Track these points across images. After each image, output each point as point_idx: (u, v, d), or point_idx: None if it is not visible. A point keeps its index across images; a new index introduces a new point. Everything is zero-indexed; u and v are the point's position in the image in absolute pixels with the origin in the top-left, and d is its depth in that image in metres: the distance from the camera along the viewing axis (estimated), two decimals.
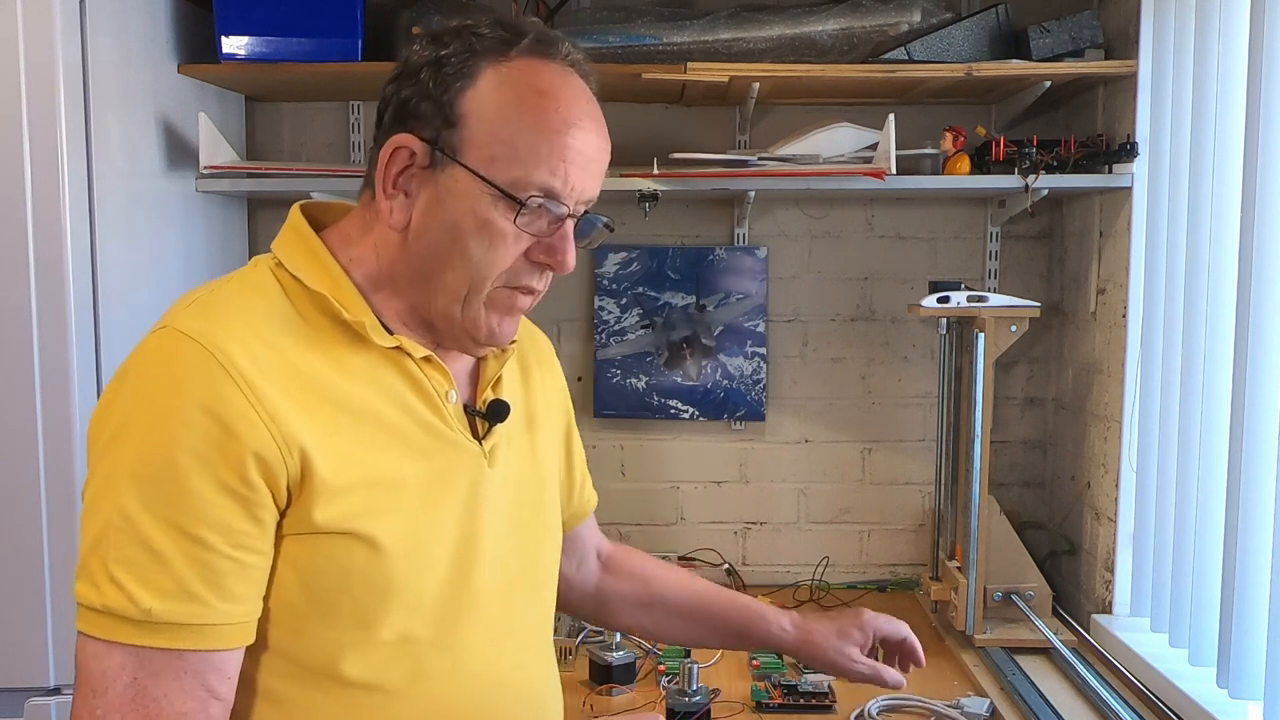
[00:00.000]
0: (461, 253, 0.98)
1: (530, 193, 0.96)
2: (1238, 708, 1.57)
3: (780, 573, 2.40)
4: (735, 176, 2.07)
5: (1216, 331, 1.69)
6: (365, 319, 0.99)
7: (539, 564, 1.15)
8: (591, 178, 1.00)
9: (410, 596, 0.98)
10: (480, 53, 0.97)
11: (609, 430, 2.40)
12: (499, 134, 0.96)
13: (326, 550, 0.94)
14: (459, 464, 1.03)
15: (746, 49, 2.05)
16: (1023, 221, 2.31)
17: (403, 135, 0.98)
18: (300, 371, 0.94)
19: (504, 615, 1.07)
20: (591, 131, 0.99)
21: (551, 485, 1.21)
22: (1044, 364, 2.39)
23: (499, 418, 1.08)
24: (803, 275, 2.37)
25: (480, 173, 0.96)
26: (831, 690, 1.76)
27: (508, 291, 1.01)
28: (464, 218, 0.97)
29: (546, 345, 1.29)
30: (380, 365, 1.00)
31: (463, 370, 1.09)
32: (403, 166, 0.98)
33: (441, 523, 1.01)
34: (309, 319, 0.98)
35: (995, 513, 2.07)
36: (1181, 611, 1.78)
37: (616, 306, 2.35)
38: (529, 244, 0.99)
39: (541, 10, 2.07)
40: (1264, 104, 1.50)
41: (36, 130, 1.59)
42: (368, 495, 0.95)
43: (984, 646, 1.94)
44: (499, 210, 0.97)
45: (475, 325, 1.02)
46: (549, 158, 0.96)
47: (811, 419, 2.40)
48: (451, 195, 0.97)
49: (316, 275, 1.00)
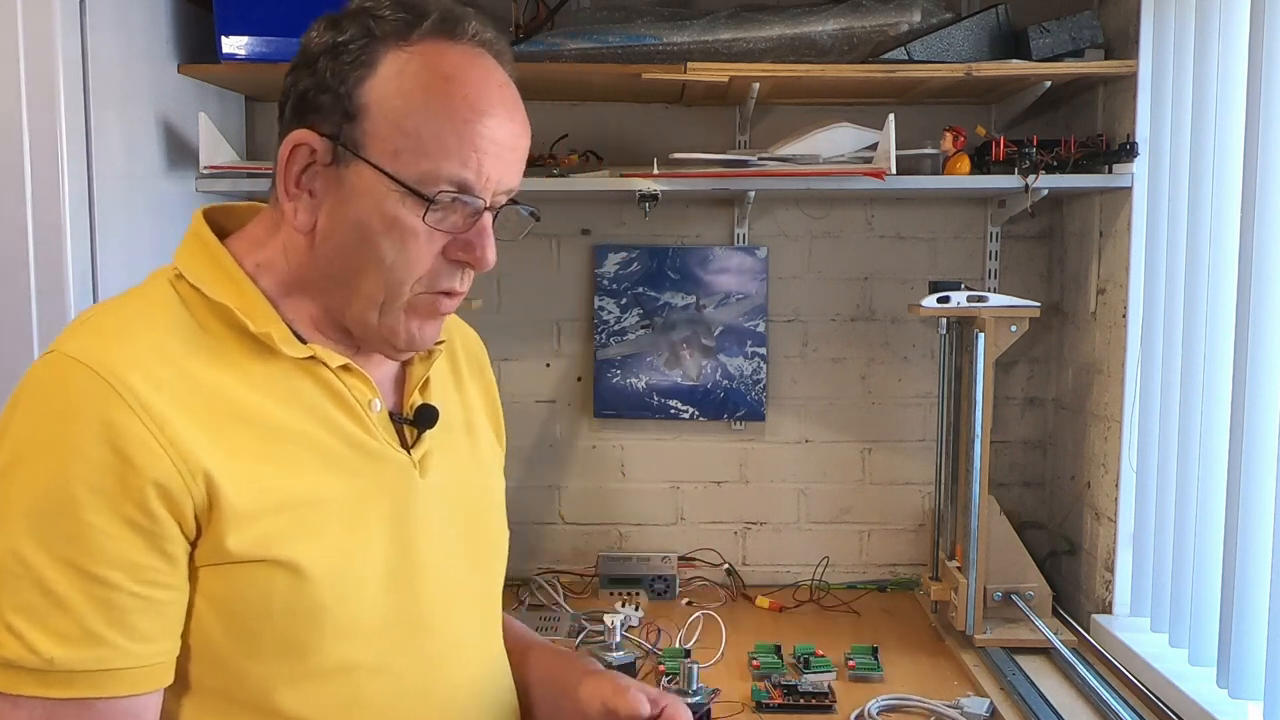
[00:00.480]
0: (373, 256, 0.92)
1: (439, 187, 0.90)
2: (1238, 708, 1.57)
3: (780, 573, 2.39)
4: (735, 176, 2.06)
5: (1216, 331, 1.69)
6: (273, 329, 0.92)
7: (487, 574, 1.10)
8: (508, 166, 0.94)
9: (344, 621, 0.92)
10: (380, 37, 0.91)
11: (609, 430, 2.40)
12: (402, 125, 0.89)
13: (245, 580, 0.88)
14: (386, 477, 0.97)
15: (746, 49, 2.05)
16: (1023, 221, 2.31)
17: (301, 131, 0.92)
18: (205, 390, 0.88)
19: (454, 630, 1.01)
20: (504, 117, 0.92)
21: (495, 490, 1.14)
22: (1044, 364, 2.39)
23: (427, 424, 1.01)
24: (803, 275, 2.37)
25: (385, 168, 0.90)
26: (831, 690, 1.76)
27: (429, 297, 0.95)
28: (370, 217, 0.91)
29: (478, 345, 1.21)
30: (294, 377, 0.94)
31: (387, 375, 1.03)
32: (304, 164, 0.92)
33: (370, 540, 0.95)
34: (213, 332, 0.91)
35: (995, 513, 2.07)
36: (1181, 611, 1.78)
37: (616, 306, 2.35)
38: (445, 241, 0.93)
39: (541, 10, 2.07)
40: (1264, 104, 1.50)
41: (36, 130, 1.59)
42: (285, 518, 0.89)
43: (984, 646, 1.94)
44: (407, 207, 0.90)
45: (394, 333, 0.96)
46: (458, 149, 0.90)
47: (811, 419, 2.40)
48: (356, 194, 0.91)
49: (219, 285, 0.93)
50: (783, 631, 2.08)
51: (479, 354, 1.20)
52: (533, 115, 0.96)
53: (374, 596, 0.94)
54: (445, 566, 1.01)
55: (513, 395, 2.39)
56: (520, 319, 2.37)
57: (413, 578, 0.97)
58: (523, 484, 2.40)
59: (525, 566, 2.39)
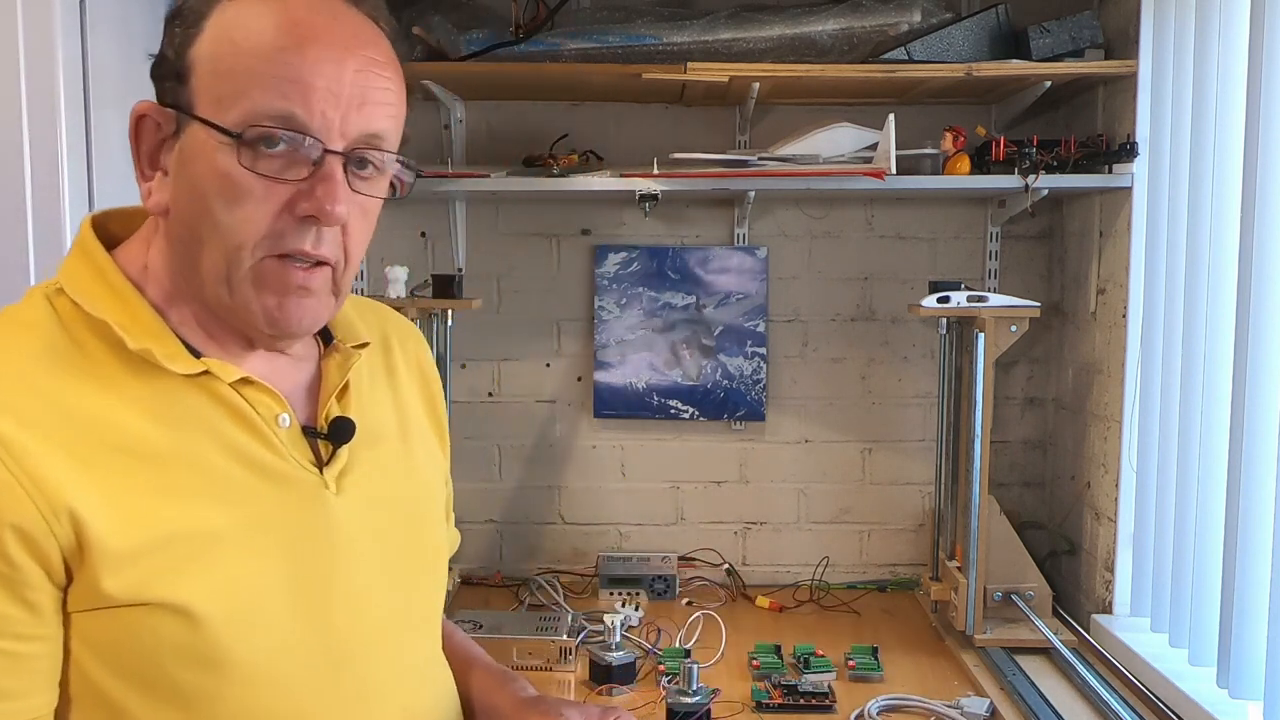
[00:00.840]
0: (210, 222, 0.82)
1: (254, 123, 0.80)
2: (1238, 708, 1.57)
3: (780, 573, 2.39)
4: (735, 176, 2.06)
5: (1216, 331, 1.69)
6: (153, 345, 0.83)
7: (421, 594, 1.00)
8: (354, 107, 0.82)
9: (245, 667, 0.82)
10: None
11: (609, 430, 2.40)
12: (218, 69, 0.81)
13: (129, 625, 0.79)
14: (292, 499, 0.87)
15: (746, 49, 2.05)
16: (1023, 221, 2.31)
17: (143, 102, 0.85)
18: (77, 419, 0.79)
19: (380, 663, 0.92)
20: (338, 47, 0.82)
21: (432, 501, 1.04)
22: (1044, 364, 2.39)
23: (343, 438, 0.92)
24: (803, 275, 2.37)
25: (208, 119, 0.81)
26: (831, 690, 1.76)
27: (276, 263, 0.83)
28: (203, 178, 0.82)
29: (417, 342, 1.11)
30: (185, 395, 0.84)
31: (300, 385, 0.93)
32: (156, 141, 0.85)
33: (273, 572, 0.85)
34: (91, 352, 0.83)
35: (995, 513, 2.07)
36: (1181, 611, 1.78)
37: (616, 306, 2.35)
38: (287, 194, 0.82)
39: (541, 10, 2.07)
40: (1264, 104, 1.50)
41: (36, 130, 1.59)
42: (169, 554, 0.80)
43: (984, 646, 1.94)
44: (231, 156, 0.81)
45: (248, 311, 0.85)
46: (273, 79, 0.80)
47: (811, 419, 2.40)
48: (192, 157, 0.83)
49: (100, 298, 0.84)
50: (783, 631, 2.08)
51: (418, 351, 1.10)
52: (533, 115, 0.92)
53: (280, 634, 0.85)
54: (369, 593, 0.92)
55: (513, 395, 2.39)
56: (520, 319, 2.37)
57: (328, 609, 0.88)
58: (523, 484, 2.40)
59: (525, 566, 2.39)
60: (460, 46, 2.06)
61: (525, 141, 2.24)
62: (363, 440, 0.94)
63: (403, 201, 0.93)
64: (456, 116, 2.29)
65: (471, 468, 2.37)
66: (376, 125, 0.85)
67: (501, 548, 2.41)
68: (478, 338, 2.35)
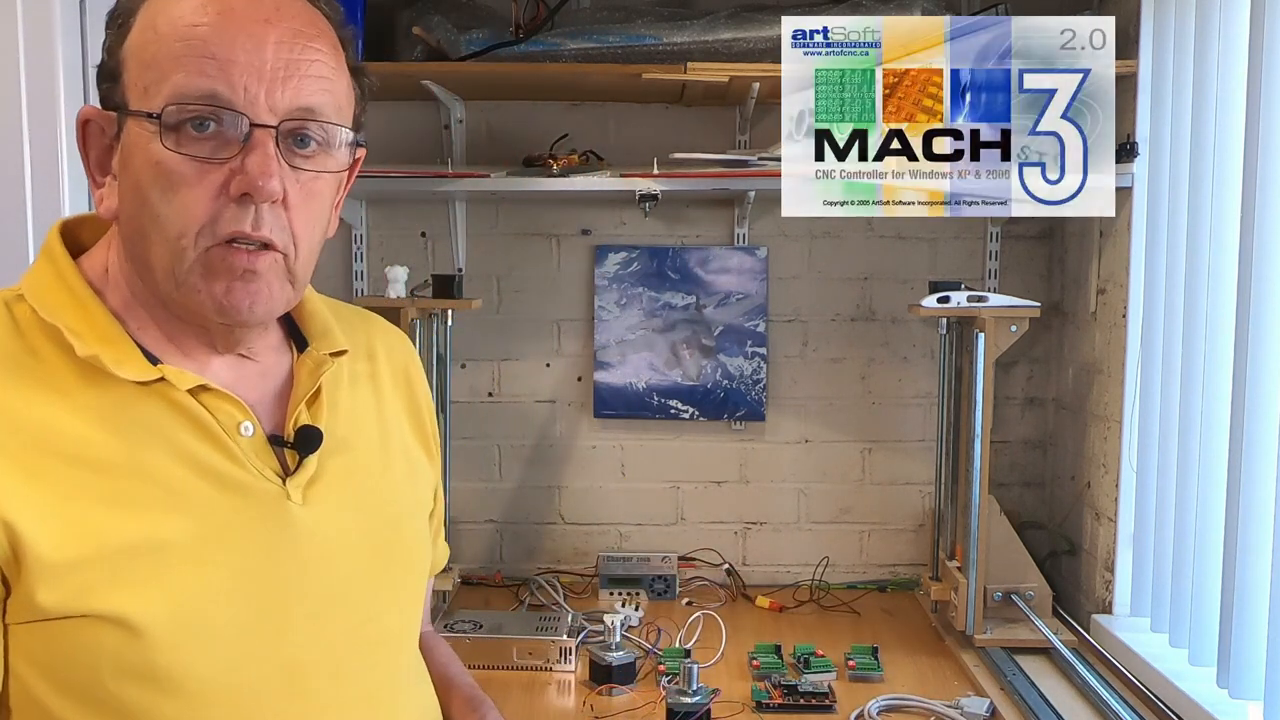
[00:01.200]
0: (151, 216, 0.81)
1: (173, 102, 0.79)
2: (1238, 708, 1.57)
3: (780, 573, 2.39)
4: (735, 176, 2.07)
5: (1216, 331, 1.69)
6: (104, 351, 0.82)
7: (393, 609, 0.96)
8: (281, 80, 0.80)
9: (189, 683, 0.80)
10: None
11: (609, 430, 2.40)
12: (144, 58, 0.81)
13: (67, 638, 0.77)
14: (250, 511, 0.84)
15: (746, 49, 2.05)
16: (1023, 221, 2.31)
17: (85, 107, 0.85)
18: (23, 426, 0.78)
19: (346, 677, 0.89)
20: (259, 20, 0.80)
21: (409, 516, 1.00)
22: (1044, 364, 2.39)
23: (309, 447, 0.89)
24: (803, 275, 2.37)
25: (138, 109, 0.80)
26: (831, 690, 1.76)
27: (222, 250, 0.81)
28: (141, 173, 0.81)
29: (405, 352, 1.07)
30: (139, 403, 0.82)
31: (269, 393, 0.91)
32: (103, 145, 0.85)
33: (225, 586, 0.82)
34: (46, 358, 0.81)
35: (995, 513, 2.07)
36: (1181, 611, 1.78)
37: (616, 306, 2.35)
38: (222, 177, 0.80)
39: (541, 10, 2.07)
40: (1264, 104, 1.50)
41: (36, 130, 1.59)
42: (110, 565, 0.78)
43: (984, 646, 1.94)
44: (164, 143, 0.80)
45: (198, 301, 0.82)
46: (193, 59, 0.79)
47: (811, 419, 2.40)
48: (131, 153, 0.82)
49: (57, 304, 0.83)
50: (783, 631, 2.08)
51: (405, 361, 1.06)
52: (533, 115, 0.90)
53: (229, 648, 0.82)
54: (333, 606, 0.88)
55: (513, 395, 2.39)
56: (520, 319, 2.37)
57: (285, 623, 0.85)
58: (523, 484, 2.40)
59: (525, 566, 2.39)
60: (460, 46, 2.06)
61: (525, 141, 2.24)
62: (336, 450, 0.91)
63: (403, 202, 0.91)
64: (456, 116, 2.29)
65: (471, 468, 2.37)
66: (308, 99, 0.82)
67: (501, 548, 2.41)
68: (478, 338, 2.35)
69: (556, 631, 1.91)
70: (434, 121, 2.31)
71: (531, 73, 2.08)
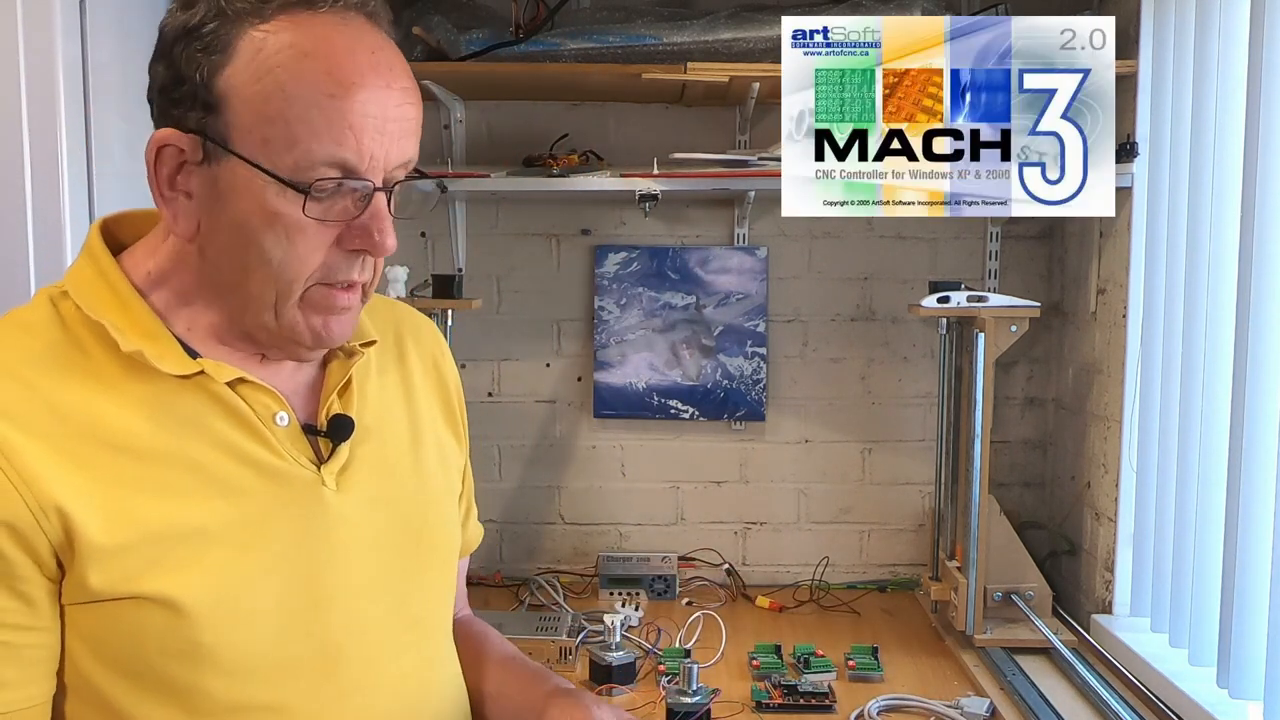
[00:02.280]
0: (259, 256, 0.84)
1: (316, 175, 0.82)
2: (1238, 708, 1.57)
3: (780, 573, 2.39)
4: (735, 176, 2.07)
5: (1216, 331, 1.69)
6: (147, 346, 0.85)
7: (423, 594, 0.99)
8: (394, 139, 0.84)
9: (231, 660, 0.84)
10: (233, 16, 0.82)
11: (609, 430, 2.40)
12: (265, 112, 0.81)
13: (114, 618, 0.82)
14: (288, 496, 0.89)
15: (746, 49, 2.05)
16: (1023, 221, 2.31)
17: (165, 131, 0.84)
18: (71, 417, 0.82)
19: (373, 661, 0.92)
20: (379, 86, 0.83)
21: (440, 502, 1.04)
22: (1044, 364, 2.39)
23: (342, 435, 0.93)
24: (803, 275, 2.37)
25: (256, 161, 0.82)
26: (831, 690, 1.76)
27: (325, 290, 0.87)
28: (250, 215, 0.83)
29: (433, 338, 1.10)
30: (180, 395, 0.86)
31: (302, 384, 0.94)
32: (176, 165, 0.85)
33: (265, 569, 0.87)
34: (91, 353, 0.85)
35: (995, 513, 2.07)
36: (1181, 611, 1.78)
37: (616, 306, 2.35)
38: (337, 231, 0.85)
39: (541, 10, 2.07)
40: (1264, 104, 1.50)
41: (36, 130, 1.59)
42: (156, 549, 0.82)
43: (984, 646, 1.94)
44: (287, 200, 0.82)
45: (296, 332, 0.88)
46: (328, 129, 0.81)
47: (811, 419, 2.40)
48: (233, 192, 0.83)
49: (101, 301, 0.87)
50: (783, 631, 2.08)
51: (433, 347, 1.09)
52: (533, 115, 0.92)
53: (268, 630, 0.86)
54: (366, 590, 0.92)
55: (513, 395, 2.39)
56: (520, 319, 2.37)
57: (321, 606, 0.89)
58: (523, 484, 2.40)
59: (525, 566, 2.39)
60: (460, 46, 2.06)
61: (525, 141, 2.24)
62: (366, 438, 0.95)
63: None
64: (456, 116, 2.29)
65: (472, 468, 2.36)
66: (411, 152, 0.87)
67: (501, 548, 2.41)
68: (478, 338, 2.35)
69: (556, 631, 1.91)
70: (434, 121, 2.31)
71: (531, 73, 2.08)
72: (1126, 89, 1.97)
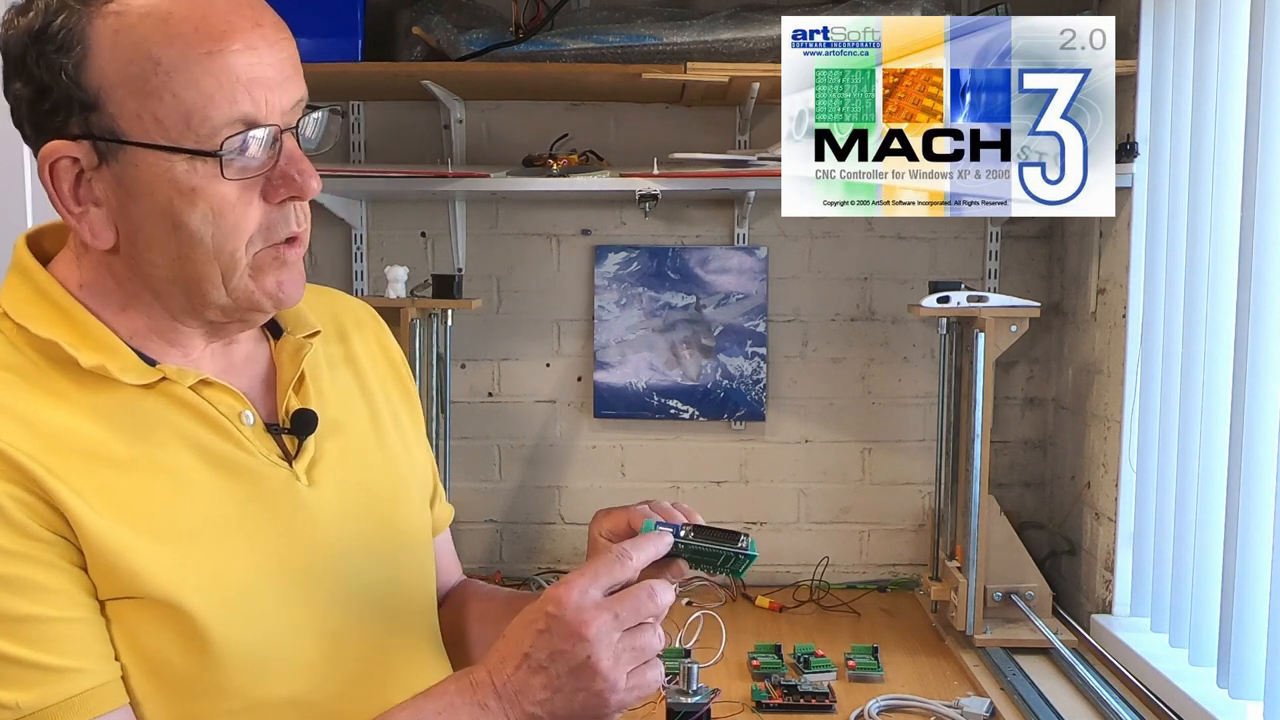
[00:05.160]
0: (190, 238, 0.81)
1: (221, 136, 0.79)
2: (1238, 708, 1.57)
3: (780, 573, 2.39)
4: (735, 176, 2.07)
5: (1216, 331, 1.69)
6: (106, 360, 0.83)
7: (406, 573, 1.00)
8: (282, 78, 0.82)
9: (246, 657, 0.84)
10: (77, 6, 0.78)
11: (609, 430, 2.40)
12: (147, 90, 0.78)
13: (129, 616, 0.82)
14: (263, 493, 0.88)
15: (746, 49, 2.05)
16: (1023, 221, 2.31)
17: (51, 144, 0.81)
18: (43, 431, 0.80)
19: (377, 641, 0.94)
20: (250, 28, 0.80)
21: (407, 485, 1.03)
22: (1044, 364, 2.39)
23: (306, 430, 0.92)
24: (803, 275, 2.37)
25: (156, 142, 0.79)
26: (831, 690, 1.76)
27: (269, 250, 0.85)
28: (169, 200, 0.80)
29: (367, 314, 1.08)
30: (146, 403, 0.85)
31: (256, 381, 0.93)
32: (74, 177, 0.82)
33: (255, 565, 0.86)
34: (48, 371, 0.83)
35: (995, 513, 2.07)
36: (1181, 611, 1.78)
37: (616, 306, 2.35)
38: (259, 187, 0.83)
39: (541, 10, 2.07)
40: (1264, 104, 1.50)
41: None
42: (148, 553, 0.81)
43: (984, 646, 1.94)
44: (201, 172, 0.80)
45: (254, 300, 0.86)
46: (219, 87, 0.78)
47: (811, 419, 2.40)
48: (142, 183, 0.80)
49: (46, 318, 0.84)
50: (783, 631, 2.08)
51: (376, 331, 1.08)
52: (533, 115, 0.91)
53: (272, 626, 0.86)
54: (354, 578, 0.93)
55: (513, 395, 2.39)
56: (520, 319, 2.37)
57: (315, 597, 0.89)
58: (523, 484, 2.40)
59: (525, 566, 2.39)
60: (460, 46, 2.06)
61: (525, 141, 2.24)
62: (328, 433, 0.94)
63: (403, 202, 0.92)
64: (456, 116, 2.29)
65: (471, 468, 2.37)
66: (299, 87, 0.84)
67: (501, 548, 2.41)
68: (478, 338, 2.35)
69: None
70: (434, 121, 2.31)
71: (531, 73, 2.08)
72: (1126, 89, 1.97)
